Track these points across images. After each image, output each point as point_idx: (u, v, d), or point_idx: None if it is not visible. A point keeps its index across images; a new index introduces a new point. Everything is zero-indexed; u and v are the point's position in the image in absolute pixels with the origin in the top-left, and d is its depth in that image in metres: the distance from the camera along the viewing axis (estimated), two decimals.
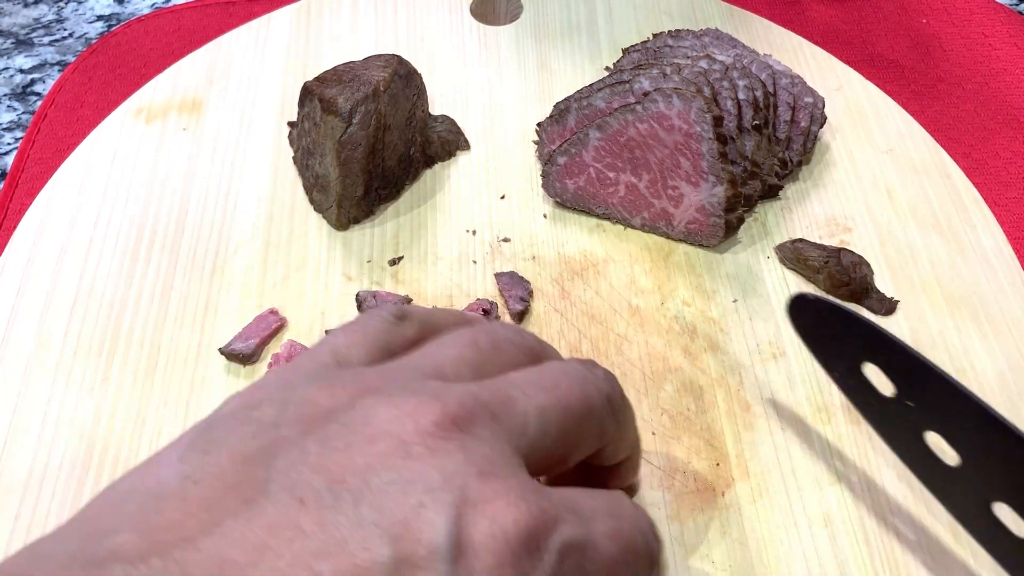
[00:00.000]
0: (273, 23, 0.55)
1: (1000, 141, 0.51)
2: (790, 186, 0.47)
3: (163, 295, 0.43)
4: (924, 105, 0.53)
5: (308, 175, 0.46)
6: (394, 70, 0.44)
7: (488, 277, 0.44)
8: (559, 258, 0.44)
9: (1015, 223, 0.47)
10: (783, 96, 0.47)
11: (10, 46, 0.59)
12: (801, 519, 0.36)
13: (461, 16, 0.56)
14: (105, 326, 0.42)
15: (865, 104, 0.51)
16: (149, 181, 0.47)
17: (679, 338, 0.41)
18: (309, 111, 0.44)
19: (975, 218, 0.46)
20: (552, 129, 0.47)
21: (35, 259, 0.44)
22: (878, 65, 0.55)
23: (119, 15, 0.61)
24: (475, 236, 0.45)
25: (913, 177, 0.48)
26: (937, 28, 0.57)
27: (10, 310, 0.42)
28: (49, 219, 0.46)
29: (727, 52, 0.48)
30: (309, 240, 0.45)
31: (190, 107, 0.51)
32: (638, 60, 0.50)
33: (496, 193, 0.47)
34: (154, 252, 0.44)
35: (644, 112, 0.42)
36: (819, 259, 0.43)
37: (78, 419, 0.39)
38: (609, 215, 0.46)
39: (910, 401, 0.32)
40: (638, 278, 0.43)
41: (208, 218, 0.46)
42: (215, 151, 0.49)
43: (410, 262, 0.44)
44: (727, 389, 0.39)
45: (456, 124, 0.49)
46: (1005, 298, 0.43)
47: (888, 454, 0.37)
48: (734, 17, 0.56)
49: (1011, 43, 0.56)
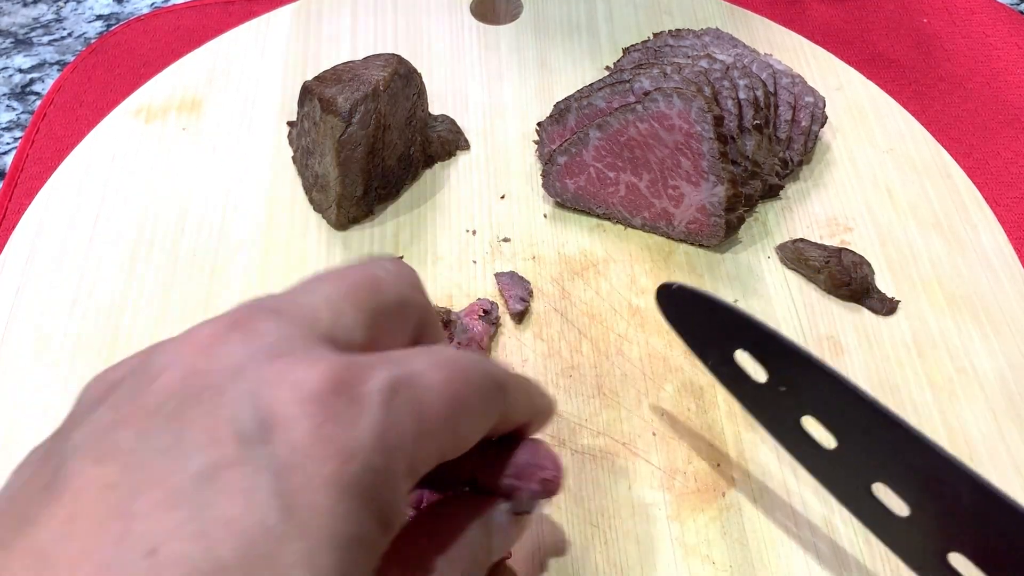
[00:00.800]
0: (272, 23, 0.55)
1: (1001, 141, 0.51)
2: (791, 186, 0.47)
3: (163, 295, 0.43)
4: (925, 105, 0.52)
5: (308, 175, 0.46)
6: (394, 70, 0.44)
7: (488, 277, 0.43)
8: (559, 258, 0.44)
9: (1016, 223, 0.46)
10: (784, 96, 0.46)
11: (9, 46, 0.59)
12: (801, 519, 0.36)
13: (461, 16, 0.56)
14: (105, 326, 0.41)
15: (866, 104, 0.51)
16: (149, 181, 0.47)
17: (679, 338, 0.41)
18: (309, 111, 0.44)
19: (976, 218, 0.46)
20: (552, 129, 0.47)
21: (34, 259, 0.44)
22: (879, 64, 0.55)
23: (118, 15, 0.61)
24: (475, 236, 0.45)
25: (914, 177, 0.48)
26: (938, 27, 0.57)
27: (9, 310, 0.42)
28: (48, 219, 0.46)
29: (728, 51, 0.48)
30: (309, 240, 0.45)
31: (189, 107, 0.51)
32: (638, 59, 0.50)
33: (496, 193, 0.47)
34: (154, 252, 0.44)
35: (644, 112, 0.42)
36: (820, 259, 0.43)
37: None
38: (609, 215, 0.45)
39: (783, 386, 0.32)
40: (638, 278, 0.43)
41: (207, 218, 0.46)
42: (215, 151, 0.49)
43: (410, 262, 0.44)
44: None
45: (456, 124, 0.49)
46: (1006, 298, 0.43)
47: None
48: (735, 16, 0.56)
49: (1012, 43, 0.56)
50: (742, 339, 0.32)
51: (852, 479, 0.31)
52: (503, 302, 0.42)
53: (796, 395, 0.31)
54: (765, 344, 0.31)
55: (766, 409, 0.34)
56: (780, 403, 0.32)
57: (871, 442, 0.29)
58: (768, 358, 0.32)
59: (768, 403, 0.33)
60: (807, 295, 0.43)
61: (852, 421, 0.30)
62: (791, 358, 0.30)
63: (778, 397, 0.32)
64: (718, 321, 0.33)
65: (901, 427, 0.28)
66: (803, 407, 0.31)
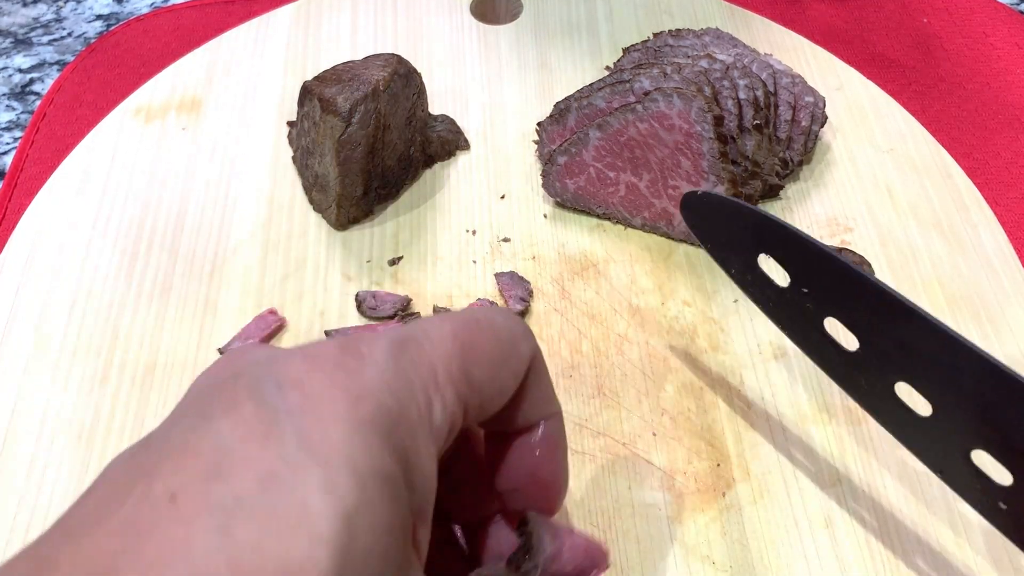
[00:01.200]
0: (272, 22, 0.55)
1: (1001, 141, 0.51)
2: (791, 186, 0.47)
3: (162, 295, 0.43)
4: (925, 105, 0.52)
5: (307, 175, 0.46)
6: (394, 69, 0.44)
7: (488, 277, 0.43)
8: (559, 258, 0.44)
9: (1016, 223, 0.46)
10: (784, 96, 0.46)
11: (9, 45, 0.59)
12: (802, 519, 0.36)
13: (461, 16, 0.56)
14: (104, 326, 0.41)
15: (866, 104, 0.51)
16: (148, 181, 0.47)
17: (680, 338, 0.41)
18: (308, 110, 0.44)
19: (976, 218, 0.46)
20: (552, 129, 0.46)
21: (34, 259, 0.44)
22: (879, 65, 0.55)
23: (118, 14, 0.61)
24: (475, 236, 0.45)
25: (914, 177, 0.48)
26: (938, 28, 0.57)
27: (9, 310, 0.42)
28: (48, 219, 0.46)
29: (728, 51, 0.48)
30: (308, 240, 0.45)
31: (189, 106, 0.51)
32: (638, 59, 0.50)
33: (496, 193, 0.47)
34: (153, 252, 0.44)
35: (644, 112, 0.42)
36: None
37: (77, 419, 0.38)
38: (609, 215, 0.45)
39: (805, 288, 0.32)
40: (639, 278, 0.43)
41: (207, 218, 0.46)
42: (214, 151, 0.49)
43: (410, 262, 0.44)
44: (728, 389, 0.39)
45: (456, 124, 0.49)
46: (1006, 298, 0.43)
47: (889, 454, 0.37)
48: (735, 16, 0.55)
49: (1012, 43, 0.56)
50: (765, 243, 0.32)
51: (874, 380, 0.31)
52: (503, 302, 0.42)
53: (818, 297, 0.32)
54: (788, 246, 0.31)
55: (788, 314, 0.34)
56: (802, 307, 0.32)
57: (893, 340, 0.29)
58: (790, 261, 0.32)
59: (790, 308, 0.33)
60: None
61: (875, 319, 0.29)
62: (814, 258, 0.30)
63: (801, 300, 0.32)
64: (742, 226, 0.33)
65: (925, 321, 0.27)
66: (825, 309, 0.32)
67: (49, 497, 0.36)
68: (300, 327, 0.41)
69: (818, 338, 0.33)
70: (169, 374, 0.40)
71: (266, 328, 0.41)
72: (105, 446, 0.38)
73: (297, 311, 0.42)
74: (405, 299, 0.42)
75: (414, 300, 0.42)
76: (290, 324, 0.42)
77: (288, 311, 0.42)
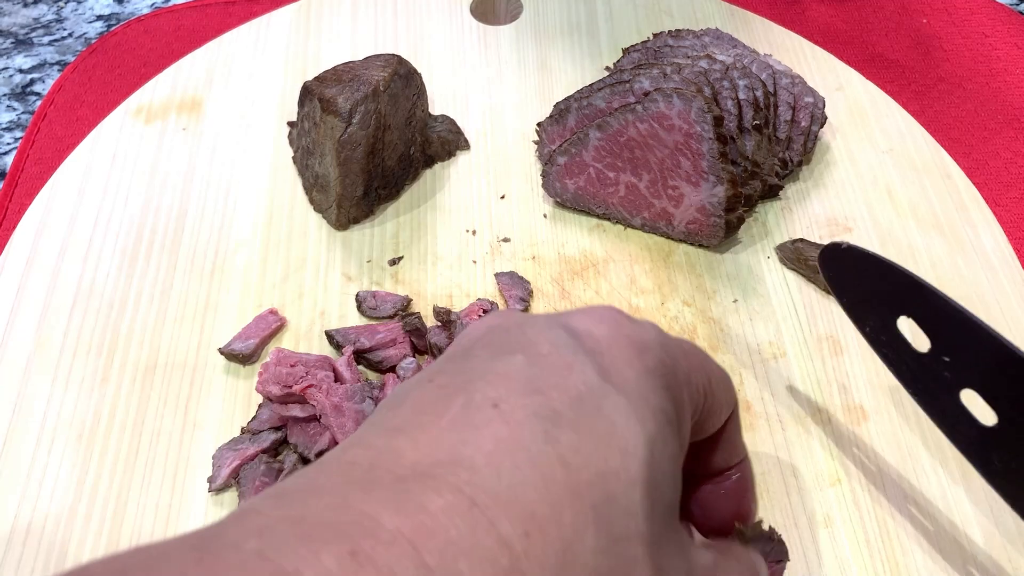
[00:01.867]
0: (273, 23, 0.55)
1: (1000, 141, 0.51)
2: (790, 186, 0.47)
3: (163, 295, 0.43)
4: (924, 105, 0.52)
5: (308, 175, 0.46)
6: (394, 70, 0.44)
7: (488, 277, 0.43)
8: (559, 258, 0.44)
9: (1015, 223, 0.46)
10: (783, 96, 0.46)
11: (9, 46, 0.59)
12: (802, 519, 0.36)
13: (461, 16, 0.56)
14: (105, 326, 0.41)
15: (865, 104, 0.51)
16: (149, 181, 0.47)
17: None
18: (309, 111, 0.44)
19: (975, 218, 0.46)
20: (552, 129, 0.47)
21: (35, 259, 0.44)
22: (878, 65, 0.55)
23: (119, 15, 0.61)
24: (475, 236, 0.45)
25: (913, 177, 0.48)
26: (937, 28, 0.57)
27: (10, 310, 0.42)
28: (49, 219, 0.46)
29: (727, 52, 0.48)
30: (309, 240, 0.45)
31: (190, 107, 0.51)
32: (638, 60, 0.50)
33: (496, 193, 0.47)
34: (154, 252, 0.44)
35: (644, 112, 0.42)
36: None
37: (77, 419, 0.38)
38: (609, 215, 0.45)
39: (947, 357, 0.31)
40: (638, 278, 0.43)
41: (208, 218, 0.46)
42: (215, 151, 0.49)
43: (410, 262, 0.44)
44: None
45: (456, 124, 0.49)
46: (1005, 298, 0.43)
47: (888, 454, 0.37)
48: (734, 17, 0.56)
49: (1011, 43, 0.56)
50: (909, 305, 0.32)
51: (1008, 460, 0.30)
52: (503, 302, 0.42)
53: (960, 367, 0.31)
54: (935, 311, 0.30)
55: (922, 380, 0.33)
56: (939, 374, 0.31)
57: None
58: (935, 327, 0.31)
59: (926, 374, 0.32)
60: (807, 295, 0.43)
61: (1018, 393, 0.28)
62: (961, 327, 0.30)
63: (939, 368, 0.31)
64: (885, 284, 0.32)
65: None
66: (965, 379, 0.31)
67: (49, 497, 0.36)
68: (300, 327, 0.42)
69: (953, 408, 0.32)
70: (169, 374, 0.40)
71: (266, 328, 0.41)
72: (105, 446, 0.38)
73: (297, 311, 0.42)
74: (405, 299, 0.42)
75: (414, 300, 0.43)
76: (290, 324, 0.42)
77: (288, 311, 0.42)
